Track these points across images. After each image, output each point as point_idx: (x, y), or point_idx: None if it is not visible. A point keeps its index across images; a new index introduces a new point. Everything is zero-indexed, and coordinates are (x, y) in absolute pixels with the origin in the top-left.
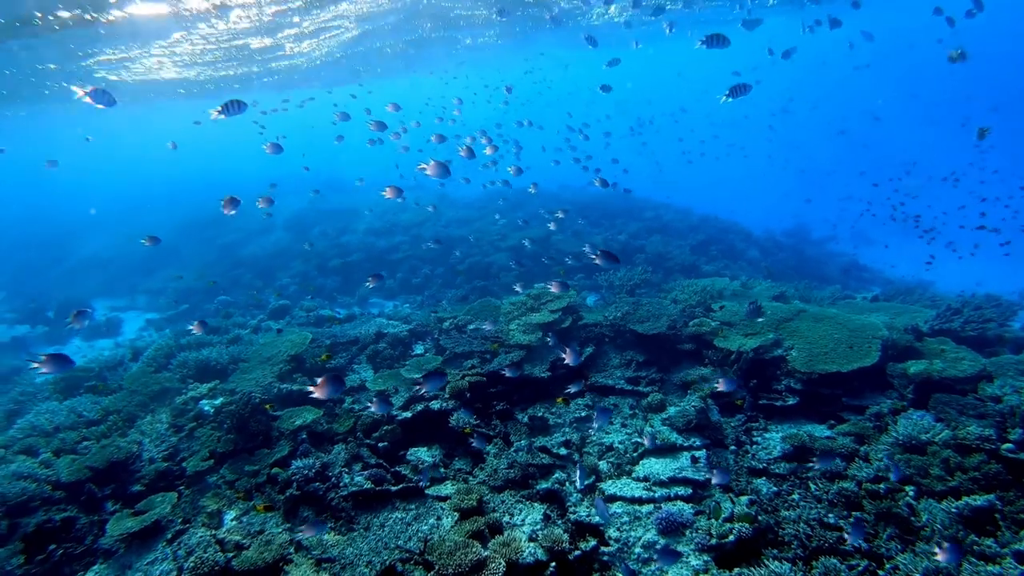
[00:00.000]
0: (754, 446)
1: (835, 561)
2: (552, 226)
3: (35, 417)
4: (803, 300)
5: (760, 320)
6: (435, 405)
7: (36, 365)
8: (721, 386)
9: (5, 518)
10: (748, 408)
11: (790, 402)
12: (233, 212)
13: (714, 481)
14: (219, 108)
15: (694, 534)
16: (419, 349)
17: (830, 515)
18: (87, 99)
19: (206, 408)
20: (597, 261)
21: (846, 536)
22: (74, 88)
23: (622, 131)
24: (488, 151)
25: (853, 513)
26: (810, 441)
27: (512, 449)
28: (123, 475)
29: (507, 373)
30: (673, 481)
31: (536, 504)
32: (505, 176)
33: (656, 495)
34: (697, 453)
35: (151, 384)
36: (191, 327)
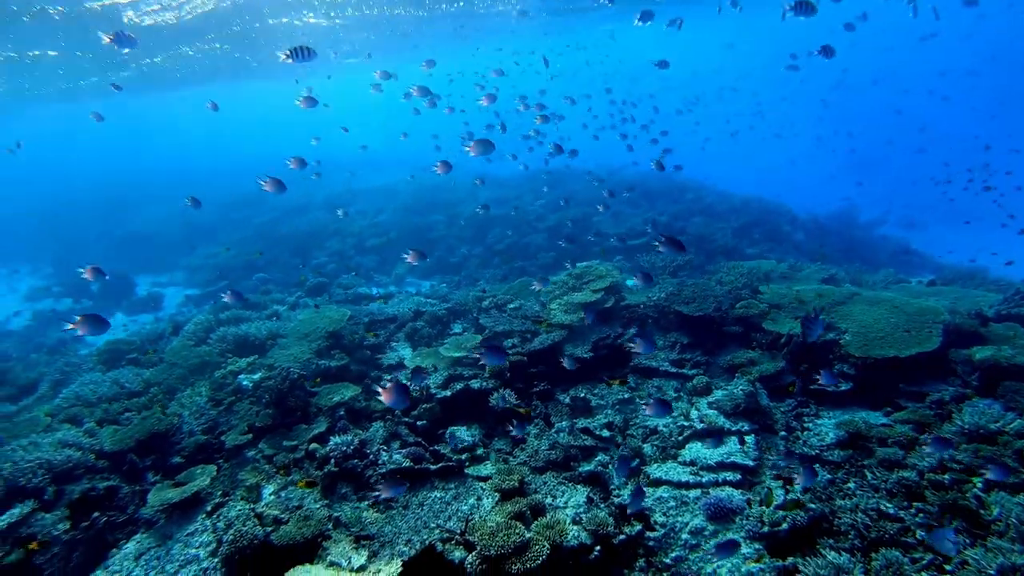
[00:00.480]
0: (805, 432)
1: (897, 553)
2: (601, 208)
3: (79, 387)
4: (854, 283)
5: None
6: (475, 384)
7: (72, 326)
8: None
9: (51, 484)
10: (799, 393)
11: (843, 387)
12: (273, 190)
13: (764, 466)
14: (287, 52)
15: (744, 521)
16: (457, 328)
17: (889, 505)
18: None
19: (244, 383)
20: (660, 249)
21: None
22: (101, 34)
23: (668, 109)
24: (538, 120)
25: (914, 504)
26: (866, 428)
27: (553, 430)
28: (164, 446)
29: (565, 364)
30: (721, 466)
31: (579, 487)
32: (549, 152)
33: (703, 480)
34: (746, 437)
35: (191, 357)
36: (224, 296)
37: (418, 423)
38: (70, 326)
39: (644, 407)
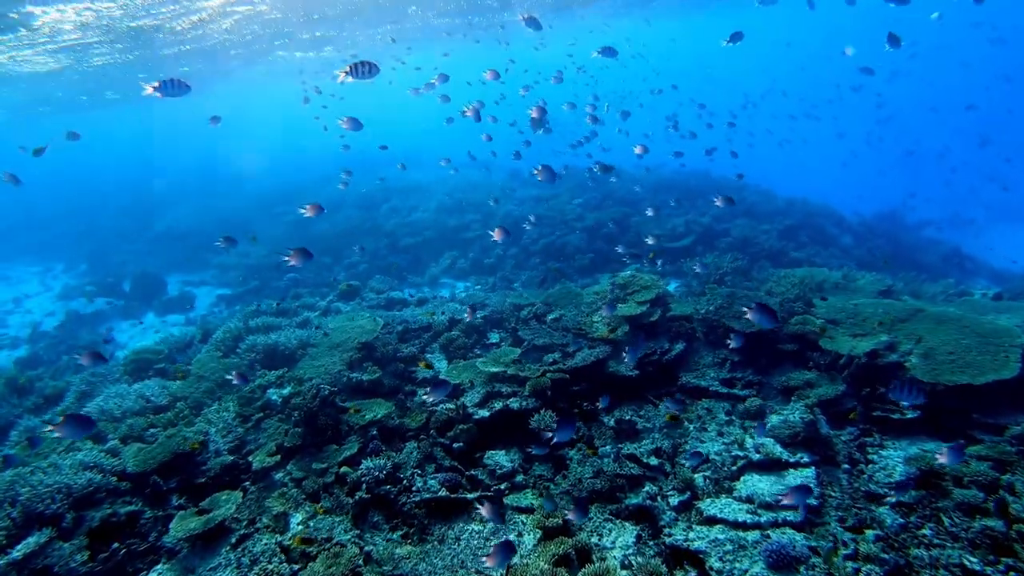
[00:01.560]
0: (870, 466)
1: None
2: (650, 212)
3: (104, 401)
4: (913, 295)
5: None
6: (514, 404)
7: (52, 428)
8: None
9: (71, 510)
10: (861, 420)
11: (909, 415)
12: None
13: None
14: (346, 69)
15: (810, 572)
16: (494, 338)
17: (973, 559)
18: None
19: (274, 397)
20: (749, 316)
21: None
22: (143, 85)
23: (715, 107)
24: (589, 120)
25: (1003, 560)
26: (940, 465)
27: (597, 455)
28: (189, 467)
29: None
30: (781, 504)
31: (627, 524)
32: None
33: (762, 520)
34: (806, 472)
35: (219, 370)
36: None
37: (454, 445)
38: (50, 428)
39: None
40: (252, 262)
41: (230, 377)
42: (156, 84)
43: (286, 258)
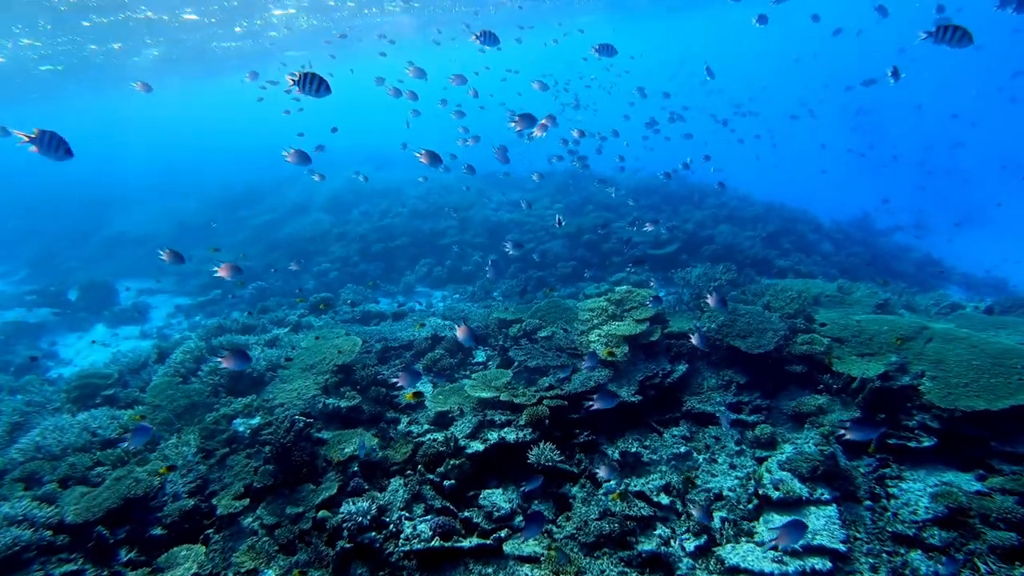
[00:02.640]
0: (892, 500)
1: None
2: (649, 227)
3: (41, 436)
4: (908, 308)
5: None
6: (510, 436)
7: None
8: (849, 434)
9: None
10: (877, 449)
11: (925, 443)
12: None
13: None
14: (295, 78)
15: None
16: (481, 356)
17: None
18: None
19: (240, 429)
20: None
21: None
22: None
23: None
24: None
25: None
26: (967, 500)
27: (602, 492)
28: (142, 514)
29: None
30: (807, 550)
31: None
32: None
33: (790, 569)
34: (828, 510)
35: (177, 397)
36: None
37: (445, 483)
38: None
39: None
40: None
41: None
42: (31, 136)
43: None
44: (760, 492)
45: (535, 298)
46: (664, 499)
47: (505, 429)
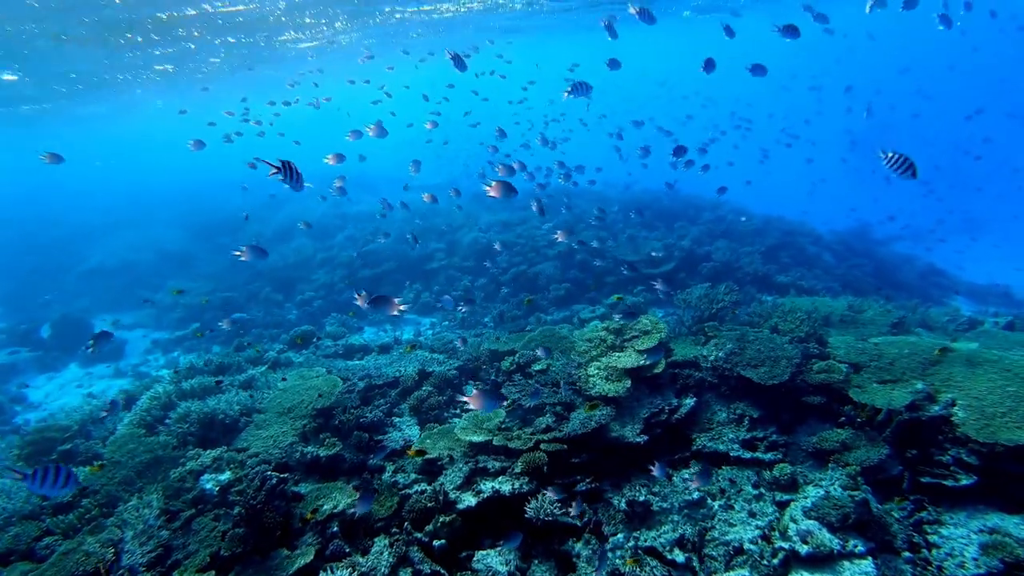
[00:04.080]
0: (935, 551)
1: None
2: (656, 253)
3: None
4: (924, 327)
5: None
6: (505, 487)
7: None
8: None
9: None
10: (908, 491)
11: (964, 482)
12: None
13: None
14: (277, 168)
15: None
16: (471, 393)
17: None
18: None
19: (208, 486)
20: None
21: None
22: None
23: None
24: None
25: None
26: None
27: (608, 547)
28: None
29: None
30: None
31: None
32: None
33: None
34: (864, 565)
35: (140, 452)
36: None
37: (434, 543)
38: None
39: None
40: (193, 300)
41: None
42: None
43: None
44: (786, 546)
45: (527, 324)
46: (679, 556)
47: (500, 479)
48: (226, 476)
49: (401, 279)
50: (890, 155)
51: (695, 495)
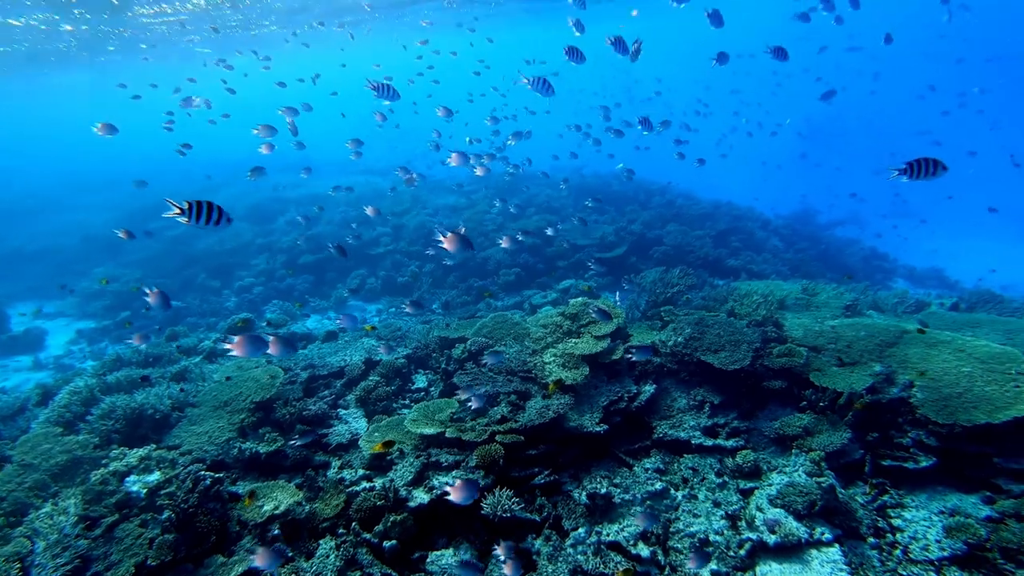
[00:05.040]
0: (899, 534)
1: None
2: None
3: None
4: (875, 309)
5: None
6: (460, 481)
7: None
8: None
9: None
10: (871, 474)
11: (924, 464)
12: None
13: None
14: (184, 209)
15: None
16: (421, 381)
17: None
18: None
19: (135, 489)
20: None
21: None
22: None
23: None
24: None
25: None
26: (986, 533)
27: (570, 543)
28: None
29: None
30: None
31: None
32: (510, 151)
33: None
34: (831, 552)
35: (56, 453)
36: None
37: (385, 543)
38: None
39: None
40: (122, 288)
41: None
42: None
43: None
44: (753, 536)
45: (477, 310)
46: (644, 550)
47: (454, 473)
48: (155, 477)
49: (346, 264)
50: (910, 167)
51: (658, 485)
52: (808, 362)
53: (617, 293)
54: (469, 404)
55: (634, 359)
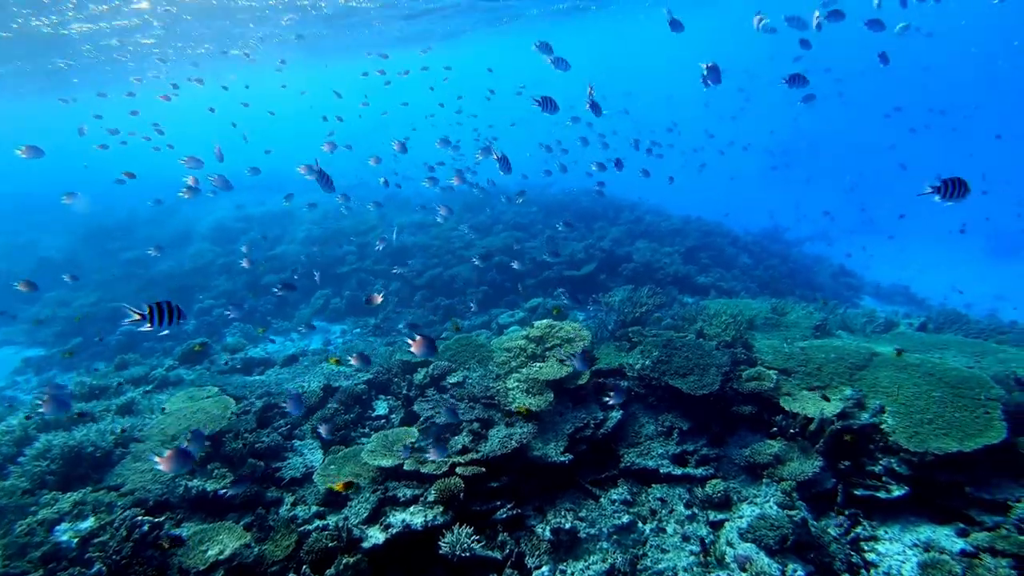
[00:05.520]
0: (872, 570)
1: None
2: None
3: None
4: (844, 328)
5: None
6: (417, 520)
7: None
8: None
9: None
10: (843, 504)
11: (896, 493)
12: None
13: None
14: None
15: None
16: (382, 408)
17: None
18: None
19: (65, 538)
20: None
21: None
22: None
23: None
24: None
25: None
26: (961, 570)
27: None
28: None
29: None
30: None
31: None
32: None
33: None
34: None
35: None
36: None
37: None
38: None
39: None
40: (75, 312)
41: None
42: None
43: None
44: (724, 575)
45: (443, 331)
46: None
47: (411, 509)
48: (88, 524)
49: (310, 285)
50: (944, 185)
51: (625, 519)
52: (778, 386)
53: (581, 316)
54: (428, 434)
55: (611, 402)
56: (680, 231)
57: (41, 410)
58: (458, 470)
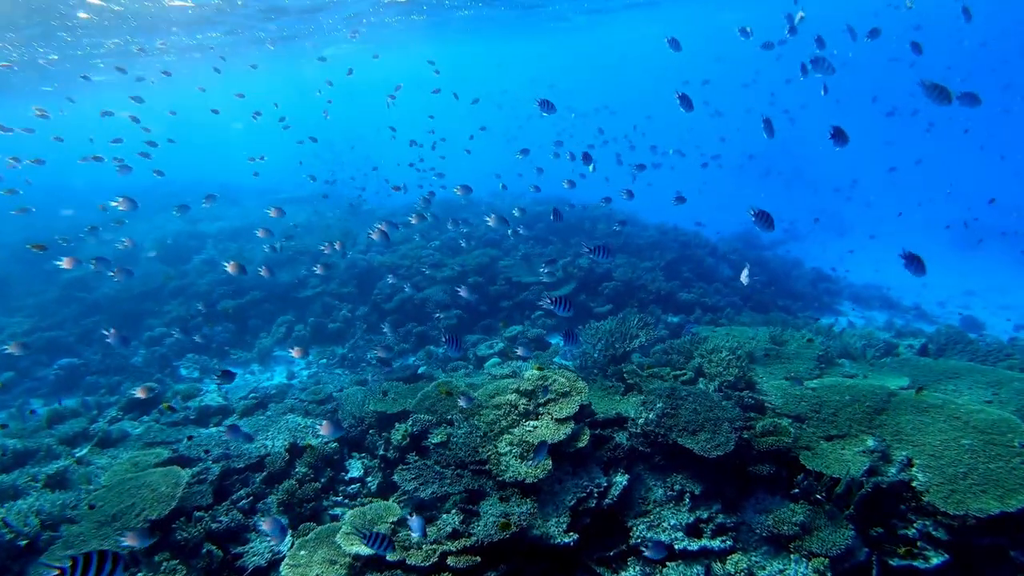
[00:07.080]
0: None
1: None
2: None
3: None
4: (845, 356)
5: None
6: None
7: None
8: None
9: None
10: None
11: (935, 562)
12: None
13: None
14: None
15: None
16: (356, 470)
17: None
18: None
19: None
20: None
21: None
22: None
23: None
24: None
25: None
26: None
27: None
28: None
29: None
30: None
31: None
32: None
33: None
34: None
35: None
36: None
37: None
38: None
39: None
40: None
41: None
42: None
43: None
44: None
45: (416, 360)
46: None
47: None
48: None
49: (271, 310)
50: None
51: None
52: (796, 438)
53: (559, 340)
54: (418, 497)
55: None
56: (658, 243)
57: None
58: (450, 560)
